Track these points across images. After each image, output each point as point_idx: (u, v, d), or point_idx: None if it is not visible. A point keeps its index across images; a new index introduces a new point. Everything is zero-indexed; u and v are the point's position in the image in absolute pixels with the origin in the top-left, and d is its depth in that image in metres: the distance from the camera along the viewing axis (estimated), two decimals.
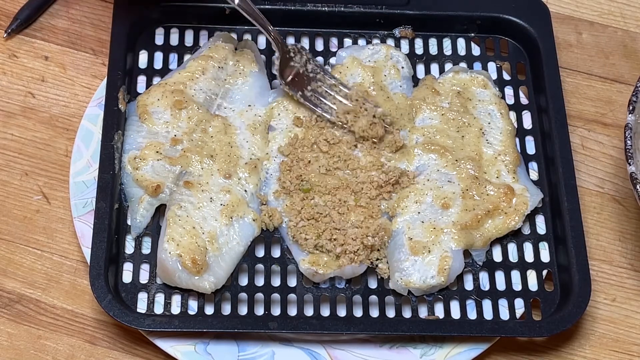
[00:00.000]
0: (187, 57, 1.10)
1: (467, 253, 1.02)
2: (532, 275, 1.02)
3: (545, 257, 1.03)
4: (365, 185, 1.03)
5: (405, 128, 1.07)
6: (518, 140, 1.08)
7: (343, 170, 1.04)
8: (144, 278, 0.99)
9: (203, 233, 0.99)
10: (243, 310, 0.98)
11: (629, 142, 0.99)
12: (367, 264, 1.00)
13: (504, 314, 1.00)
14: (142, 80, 1.09)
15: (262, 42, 1.12)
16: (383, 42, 1.13)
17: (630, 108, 1.01)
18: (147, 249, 1.01)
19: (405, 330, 0.97)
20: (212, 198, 1.01)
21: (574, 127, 1.13)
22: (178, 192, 1.01)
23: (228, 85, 1.08)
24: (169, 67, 1.10)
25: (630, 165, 0.98)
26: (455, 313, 1.00)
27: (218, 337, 0.98)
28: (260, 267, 1.01)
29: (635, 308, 1.04)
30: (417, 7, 1.13)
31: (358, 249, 0.99)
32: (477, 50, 1.14)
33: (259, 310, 0.98)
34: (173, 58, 1.11)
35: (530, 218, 1.04)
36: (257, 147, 1.05)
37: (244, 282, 1.00)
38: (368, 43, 1.13)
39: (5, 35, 1.14)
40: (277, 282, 1.00)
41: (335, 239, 1.00)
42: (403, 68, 1.10)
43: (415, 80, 1.11)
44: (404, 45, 1.13)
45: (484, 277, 1.01)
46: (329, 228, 1.00)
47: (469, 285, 1.01)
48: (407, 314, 1.00)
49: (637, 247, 1.07)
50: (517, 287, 1.01)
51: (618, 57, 1.18)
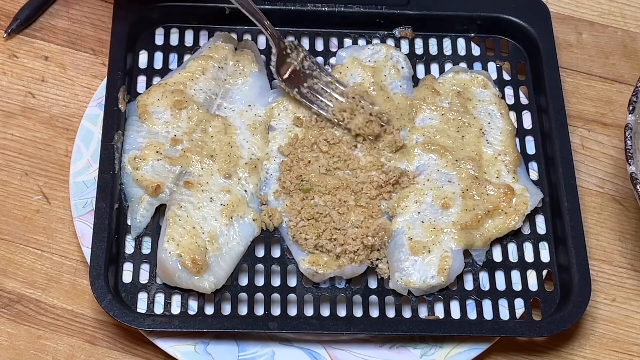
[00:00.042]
0: (187, 57, 1.10)
1: (467, 253, 1.02)
2: (532, 275, 1.02)
3: (545, 257, 1.03)
4: (365, 185, 1.03)
5: (405, 128, 1.07)
6: (518, 140, 1.08)
7: (343, 170, 1.04)
8: (144, 278, 0.99)
9: (203, 233, 0.99)
10: (243, 310, 0.98)
11: (629, 142, 0.99)
12: (367, 264, 1.00)
13: (504, 314, 1.00)
14: (142, 80, 1.09)
15: (262, 42, 1.12)
16: (383, 42, 1.13)
17: (630, 108, 1.01)
18: (147, 249, 1.01)
19: (405, 330, 0.97)
20: (212, 198, 1.01)
21: (574, 127, 1.13)
22: (178, 192, 1.01)
23: (228, 85, 1.08)
24: (169, 67, 1.10)
25: (631, 165, 0.98)
26: (455, 313, 1.00)
27: (218, 337, 0.98)
28: (260, 267, 1.01)
29: (635, 308, 1.04)
30: (417, 7, 1.13)
31: (358, 249, 0.99)
32: (477, 50, 1.14)
33: (259, 310, 0.98)
34: (173, 58, 1.11)
35: (530, 218, 1.04)
36: (257, 147, 1.05)
37: (244, 282, 1.00)
38: (368, 43, 1.13)
39: (5, 35, 1.14)
40: (277, 282, 1.00)
41: (335, 239, 1.00)
42: (403, 68, 1.10)
43: (415, 80, 1.11)
44: (404, 45, 1.13)
45: (484, 277, 1.01)
46: (329, 228, 1.00)
47: (469, 285, 1.01)
48: (407, 314, 1.00)
49: (637, 247, 1.07)
50: (517, 287, 1.01)
51: (618, 57, 1.18)
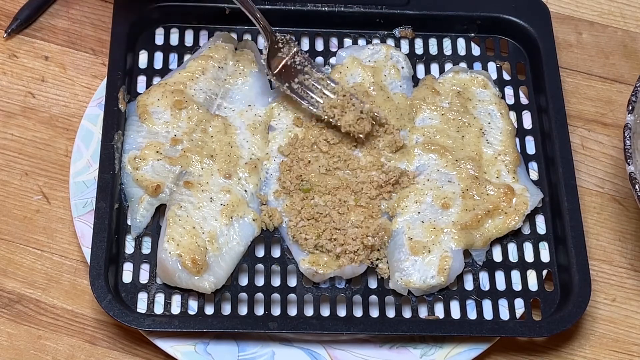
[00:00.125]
0: (187, 57, 1.10)
1: (467, 253, 1.02)
2: (532, 275, 1.02)
3: (545, 257, 1.03)
4: (365, 185, 1.03)
5: (405, 128, 1.07)
6: (518, 140, 1.08)
7: (343, 170, 1.04)
8: (144, 278, 0.99)
9: (203, 233, 0.99)
10: (243, 310, 0.98)
11: (628, 142, 0.99)
12: (367, 264, 1.00)
13: (504, 314, 1.00)
14: (142, 80, 1.09)
15: (262, 42, 1.12)
16: (383, 42, 1.13)
17: (630, 108, 1.01)
18: (147, 249, 1.01)
19: (405, 330, 0.97)
20: (212, 198, 1.01)
21: (574, 127, 1.13)
22: (178, 192, 1.01)
23: (228, 85, 1.08)
24: (169, 67, 1.10)
25: (630, 165, 0.98)
26: (455, 313, 1.00)
27: (218, 337, 0.98)
28: (260, 267, 1.00)
29: (635, 308, 1.04)
30: (417, 7, 1.13)
31: (358, 249, 0.99)
32: (477, 50, 1.14)
33: (259, 310, 0.98)
34: (173, 58, 1.11)
35: (530, 218, 1.04)
36: (257, 147, 1.05)
37: (244, 282, 1.00)
38: (368, 43, 1.13)
39: (5, 35, 1.14)
40: (277, 282, 1.00)
41: (335, 239, 1.00)
42: (403, 68, 1.10)
43: (415, 80, 1.11)
44: (404, 45, 1.13)
45: (484, 277, 1.01)
46: (329, 228, 1.00)
47: (469, 285, 1.01)
48: (407, 314, 1.00)
49: (637, 247, 1.07)
50: (517, 287, 1.01)
51: (618, 57, 1.18)
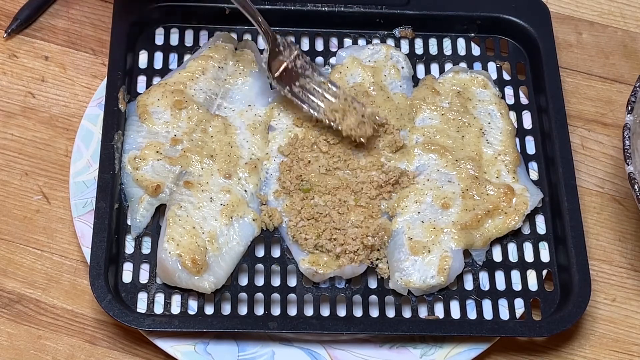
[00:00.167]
0: (187, 57, 1.10)
1: (467, 253, 1.02)
2: (532, 275, 1.02)
3: (545, 257, 1.03)
4: (365, 185, 1.03)
5: (405, 128, 1.07)
6: (518, 140, 1.08)
7: (343, 170, 1.04)
8: (144, 278, 0.99)
9: (203, 233, 0.99)
10: (243, 310, 0.98)
11: (627, 142, 0.99)
12: (367, 264, 1.00)
13: (504, 314, 1.00)
14: (142, 80, 1.09)
15: (262, 42, 1.12)
16: (383, 42, 1.13)
17: (629, 108, 1.01)
18: (147, 249, 1.01)
19: (405, 330, 0.97)
20: (212, 198, 1.01)
21: (574, 127, 1.13)
22: (178, 192, 1.01)
23: (228, 85, 1.08)
24: (169, 67, 1.10)
25: (629, 166, 0.98)
26: (455, 313, 0.99)
27: (218, 337, 0.98)
28: (260, 267, 1.00)
29: (635, 308, 1.04)
30: (417, 7, 1.13)
31: (358, 249, 0.99)
32: (477, 50, 1.14)
33: (259, 310, 0.98)
34: (173, 58, 1.11)
35: (530, 218, 1.04)
36: (257, 147, 1.05)
37: (244, 282, 1.00)
38: (368, 43, 1.13)
39: (5, 35, 1.14)
40: (277, 282, 1.00)
41: (335, 239, 1.00)
42: (403, 68, 1.10)
43: (415, 80, 1.11)
44: (404, 45, 1.13)
45: (484, 277, 1.01)
46: (329, 228, 1.00)
47: (469, 285, 1.01)
48: (407, 314, 1.00)
49: (637, 247, 1.07)
50: (517, 287, 1.01)
51: (618, 57, 1.18)
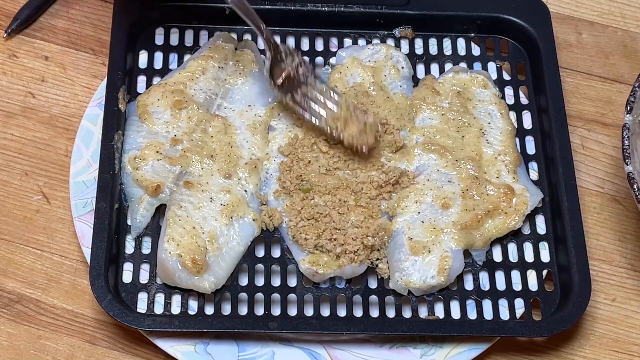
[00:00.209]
0: (187, 57, 1.10)
1: (467, 253, 1.02)
2: (532, 275, 1.02)
3: (545, 257, 1.03)
4: (365, 185, 1.03)
5: (405, 128, 1.07)
6: (518, 140, 1.08)
7: (343, 170, 1.04)
8: (144, 278, 0.99)
9: (203, 233, 0.99)
10: (243, 310, 0.98)
11: (627, 142, 0.99)
12: (367, 264, 1.00)
13: (504, 314, 1.00)
14: (142, 80, 1.09)
15: (262, 42, 1.12)
16: (383, 42, 1.13)
17: (628, 108, 1.01)
18: (147, 249, 1.01)
19: (405, 330, 0.97)
20: (212, 198, 1.01)
21: (574, 127, 1.13)
22: (178, 192, 1.01)
23: (228, 85, 1.08)
24: (169, 67, 1.10)
25: (628, 165, 0.98)
26: (455, 313, 0.99)
27: (218, 337, 0.98)
28: (260, 267, 1.00)
29: (635, 308, 1.04)
30: (417, 7, 1.13)
31: (358, 249, 0.99)
32: (477, 50, 1.14)
33: (259, 310, 0.98)
34: (173, 58, 1.11)
35: (530, 218, 1.04)
36: (257, 147, 1.05)
37: (244, 282, 1.00)
38: (368, 43, 1.13)
39: (5, 35, 1.14)
40: (277, 282, 1.00)
41: (335, 239, 1.00)
42: (403, 68, 1.10)
43: (415, 80, 1.11)
44: (404, 45, 1.13)
45: (484, 277, 1.01)
46: (329, 228, 1.00)
47: (469, 285, 1.01)
48: (407, 314, 1.00)
49: (637, 247, 1.07)
50: (517, 287, 1.01)
51: (618, 57, 1.18)
